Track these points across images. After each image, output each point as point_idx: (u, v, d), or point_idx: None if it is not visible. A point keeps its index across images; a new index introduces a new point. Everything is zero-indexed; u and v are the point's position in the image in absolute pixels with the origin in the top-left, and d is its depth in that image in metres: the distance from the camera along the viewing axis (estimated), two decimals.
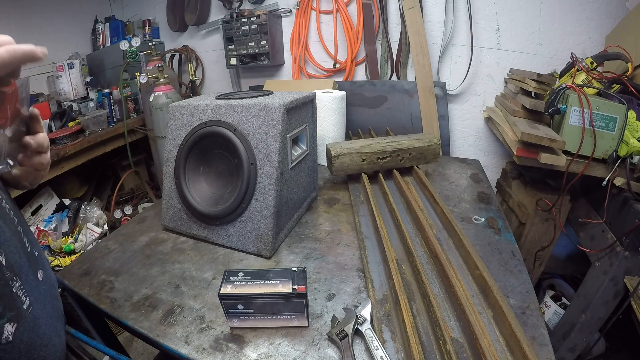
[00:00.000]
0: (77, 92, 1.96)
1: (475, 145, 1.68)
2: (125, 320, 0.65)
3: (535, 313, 0.60)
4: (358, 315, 0.58)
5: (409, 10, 1.50)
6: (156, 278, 0.75)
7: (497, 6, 1.43)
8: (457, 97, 1.63)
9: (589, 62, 1.19)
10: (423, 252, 0.76)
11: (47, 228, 1.61)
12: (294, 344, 0.57)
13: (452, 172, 1.23)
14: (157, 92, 1.67)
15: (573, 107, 1.03)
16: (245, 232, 0.80)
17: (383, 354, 0.52)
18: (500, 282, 0.67)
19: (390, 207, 0.91)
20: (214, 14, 2.07)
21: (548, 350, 0.53)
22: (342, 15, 1.65)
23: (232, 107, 0.79)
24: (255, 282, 0.57)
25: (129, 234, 0.94)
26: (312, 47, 1.83)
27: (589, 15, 1.33)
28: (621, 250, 0.94)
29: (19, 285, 0.41)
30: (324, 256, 0.79)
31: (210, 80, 2.30)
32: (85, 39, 2.38)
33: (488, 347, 0.50)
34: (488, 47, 1.50)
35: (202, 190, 0.86)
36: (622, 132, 1.00)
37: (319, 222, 0.94)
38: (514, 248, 0.78)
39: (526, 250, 1.26)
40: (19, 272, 0.42)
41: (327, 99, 1.27)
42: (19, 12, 1.94)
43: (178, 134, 0.87)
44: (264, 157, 0.77)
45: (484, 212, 0.95)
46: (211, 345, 0.58)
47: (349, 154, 1.06)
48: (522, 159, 1.10)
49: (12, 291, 0.40)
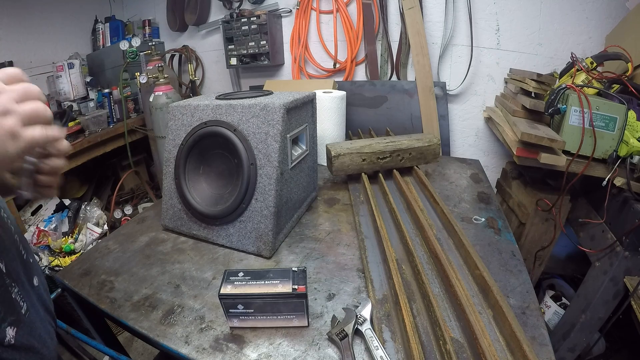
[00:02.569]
0: (77, 92, 1.96)
1: (475, 145, 1.68)
2: (125, 320, 0.65)
3: (535, 313, 0.60)
4: (358, 315, 0.58)
5: (409, 10, 1.50)
6: (156, 278, 0.75)
7: (497, 6, 1.43)
8: (457, 97, 1.63)
9: (589, 62, 1.19)
10: (423, 252, 0.76)
11: (47, 228, 1.61)
12: (294, 344, 0.57)
13: (452, 172, 1.23)
14: (157, 92, 1.66)
15: (573, 107, 1.03)
16: (245, 232, 0.80)
17: (383, 354, 0.52)
18: (500, 282, 0.67)
19: (390, 207, 0.91)
20: (214, 14, 2.07)
21: (548, 350, 0.53)
22: (342, 15, 1.65)
23: (232, 107, 0.79)
24: (255, 282, 0.57)
25: (129, 234, 0.94)
26: (312, 47, 1.83)
27: (589, 15, 1.33)
28: (621, 250, 0.94)
29: (17, 291, 0.42)
30: (324, 256, 0.79)
31: (210, 80, 2.30)
32: (85, 39, 2.38)
33: (488, 347, 0.50)
34: (488, 47, 1.50)
35: (202, 190, 0.86)
36: (622, 132, 1.00)
37: (319, 222, 0.94)
38: (514, 248, 0.78)
39: (526, 250, 1.26)
40: (17, 278, 0.44)
41: (327, 99, 1.27)
42: (19, 12, 1.94)
43: (178, 134, 0.87)
44: (264, 157, 0.77)
45: (484, 212, 0.95)
46: (211, 345, 0.58)
47: (349, 154, 1.06)
48: (522, 159, 1.10)
49: (12, 297, 0.41)
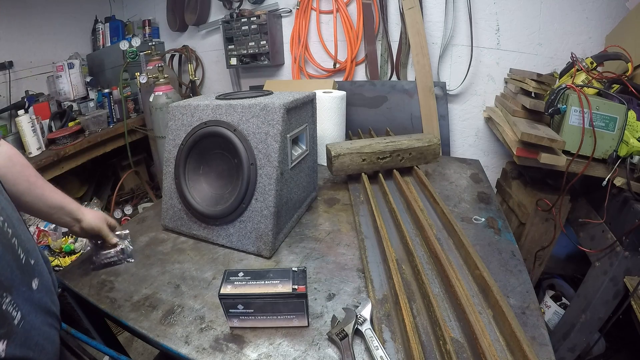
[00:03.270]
0: (77, 92, 1.96)
1: (475, 145, 1.68)
2: (125, 320, 0.65)
3: (535, 313, 0.60)
4: (358, 315, 0.58)
5: (409, 10, 1.50)
6: (156, 278, 0.75)
7: (497, 6, 1.43)
8: (457, 97, 1.63)
9: (589, 62, 1.19)
10: (423, 252, 0.76)
11: (47, 228, 1.61)
12: (294, 344, 0.57)
13: (452, 172, 1.23)
14: (157, 92, 1.66)
15: (573, 107, 1.03)
16: (245, 232, 0.80)
17: (383, 354, 0.52)
18: (500, 282, 0.67)
19: (390, 207, 0.91)
20: (214, 14, 2.07)
21: (548, 350, 0.53)
22: (342, 15, 1.65)
23: (232, 107, 0.79)
24: (255, 282, 0.57)
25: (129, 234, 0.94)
26: (312, 47, 1.83)
27: (589, 15, 1.33)
28: (621, 250, 0.94)
29: (9, 301, 0.41)
30: (324, 256, 0.79)
31: (210, 80, 2.30)
32: (85, 39, 2.38)
33: (488, 347, 0.50)
34: (488, 47, 1.50)
35: (202, 190, 0.86)
36: (622, 132, 1.00)
37: (319, 222, 0.94)
38: (514, 248, 0.78)
39: (526, 250, 1.26)
40: (10, 287, 0.42)
41: (327, 99, 1.27)
42: (19, 12, 1.94)
43: (178, 134, 0.86)
44: (264, 157, 0.77)
45: (484, 212, 0.95)
46: (211, 345, 0.58)
47: (349, 154, 1.06)
48: (522, 159, 1.10)
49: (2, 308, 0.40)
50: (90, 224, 0.74)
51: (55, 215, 0.70)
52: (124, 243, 0.82)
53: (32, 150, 1.57)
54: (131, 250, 0.83)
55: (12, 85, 1.87)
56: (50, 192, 0.69)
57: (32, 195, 0.65)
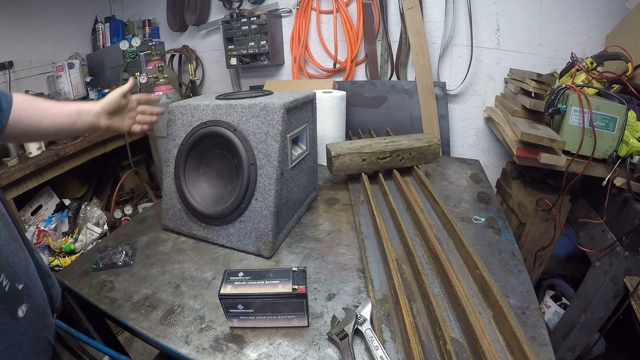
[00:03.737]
0: (77, 92, 1.96)
1: (475, 145, 1.68)
2: (125, 320, 0.65)
3: (535, 313, 0.60)
4: (358, 315, 0.58)
5: (409, 10, 1.50)
6: (156, 278, 0.75)
7: (497, 6, 1.43)
8: (457, 97, 1.63)
9: (589, 62, 1.19)
10: (423, 252, 0.76)
11: (47, 228, 1.61)
12: (294, 344, 0.57)
13: (452, 172, 1.23)
14: (157, 92, 1.67)
15: (573, 107, 1.03)
16: (245, 232, 0.80)
17: (383, 354, 0.52)
18: (500, 282, 0.67)
19: (390, 207, 0.91)
20: (214, 14, 2.07)
21: (548, 350, 0.53)
22: (342, 15, 1.65)
23: (232, 107, 0.79)
24: (255, 282, 0.57)
25: (129, 234, 0.94)
26: (312, 47, 1.83)
27: (589, 15, 1.33)
28: (621, 250, 0.94)
29: None
30: (324, 256, 0.79)
31: (210, 80, 2.30)
32: (85, 39, 2.38)
33: (488, 347, 0.50)
34: (488, 47, 1.50)
35: (202, 190, 0.86)
36: (622, 132, 1.00)
37: (319, 222, 0.94)
38: (514, 248, 0.78)
39: (526, 250, 1.26)
40: None
41: (327, 99, 1.27)
42: (19, 12, 1.93)
43: (178, 134, 0.87)
44: (264, 157, 0.77)
45: (484, 212, 0.95)
46: (211, 345, 0.58)
47: (349, 154, 1.06)
48: (522, 159, 1.10)
49: None
50: (107, 101, 0.73)
51: (78, 122, 0.69)
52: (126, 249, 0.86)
53: (32, 150, 1.56)
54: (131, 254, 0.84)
55: (12, 85, 1.87)
56: (62, 106, 0.69)
57: (49, 118, 0.66)
